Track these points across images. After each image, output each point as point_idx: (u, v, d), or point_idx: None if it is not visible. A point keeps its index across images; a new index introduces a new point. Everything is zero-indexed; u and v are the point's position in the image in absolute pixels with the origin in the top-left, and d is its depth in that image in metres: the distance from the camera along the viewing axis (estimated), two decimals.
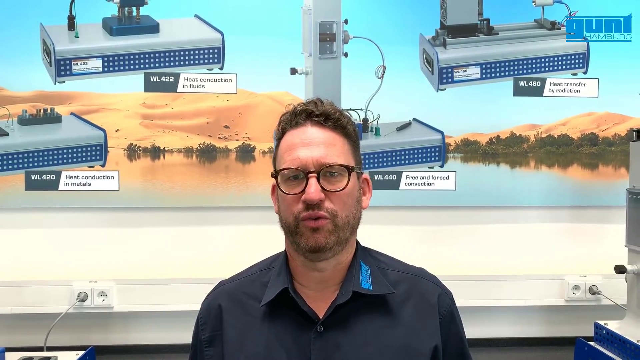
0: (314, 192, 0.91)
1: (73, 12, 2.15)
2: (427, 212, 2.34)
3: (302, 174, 0.94)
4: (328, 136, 0.97)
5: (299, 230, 0.94)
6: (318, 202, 0.92)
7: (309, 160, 0.94)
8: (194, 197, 2.22)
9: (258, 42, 2.23)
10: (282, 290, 0.97)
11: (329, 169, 0.95)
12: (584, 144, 2.32)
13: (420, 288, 1.02)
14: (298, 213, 0.93)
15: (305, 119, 0.99)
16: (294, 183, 0.95)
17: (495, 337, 2.33)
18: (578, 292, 2.24)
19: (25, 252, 2.19)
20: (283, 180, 0.96)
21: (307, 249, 0.93)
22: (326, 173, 0.94)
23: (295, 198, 0.94)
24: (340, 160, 0.96)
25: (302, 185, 0.93)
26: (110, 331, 2.19)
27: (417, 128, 2.31)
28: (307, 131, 0.98)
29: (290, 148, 0.97)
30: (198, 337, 1.06)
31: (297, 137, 0.97)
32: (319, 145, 0.96)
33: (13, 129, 2.16)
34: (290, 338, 0.96)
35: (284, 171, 0.96)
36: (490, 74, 2.31)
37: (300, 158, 0.95)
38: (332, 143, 0.97)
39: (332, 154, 0.96)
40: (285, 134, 1.01)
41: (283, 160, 0.98)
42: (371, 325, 0.96)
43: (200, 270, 2.17)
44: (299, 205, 0.93)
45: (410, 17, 2.29)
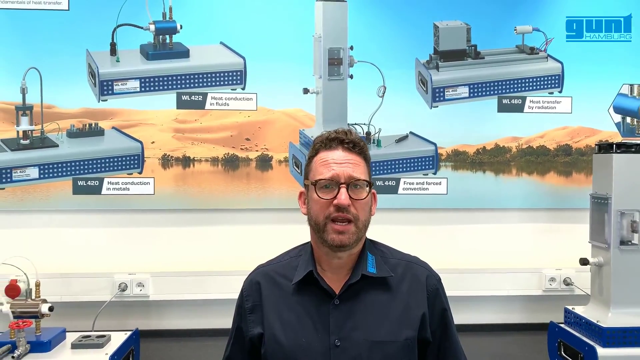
0: (345, 198, 1.20)
1: (114, 39, 2.42)
2: (422, 214, 2.60)
3: (335, 184, 1.22)
4: (354, 158, 1.26)
5: (326, 228, 1.22)
6: (346, 207, 1.21)
7: (341, 174, 1.22)
8: (219, 201, 2.49)
9: (275, 65, 2.49)
10: (308, 272, 1.27)
11: (357, 182, 1.23)
12: (559, 154, 2.59)
13: (413, 271, 1.31)
14: (329, 214, 1.21)
15: (338, 144, 1.27)
16: (327, 191, 1.23)
17: (481, 323, 2.58)
18: (554, 284, 2.51)
19: (73, 248, 2.44)
20: (318, 188, 1.24)
21: (333, 245, 1.21)
22: (353, 185, 1.23)
23: (328, 202, 1.22)
24: (363, 177, 1.25)
25: (334, 193, 1.21)
26: (147, 317, 2.44)
27: (413, 140, 2.56)
28: (338, 153, 1.26)
29: (325, 164, 1.25)
30: (242, 306, 1.34)
31: (330, 156, 1.25)
32: (348, 164, 1.24)
33: (62, 141, 2.43)
34: (314, 309, 1.26)
35: (321, 181, 1.24)
36: (477, 93, 2.57)
37: (335, 172, 1.23)
38: (357, 163, 1.26)
39: (357, 172, 1.24)
40: (319, 153, 1.28)
41: (318, 172, 1.25)
42: (375, 299, 1.26)
43: (225, 264, 2.43)
44: (330, 208, 1.21)
45: (407, 43, 2.55)
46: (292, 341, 1.23)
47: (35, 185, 2.41)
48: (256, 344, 1.29)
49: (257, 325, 1.29)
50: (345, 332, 1.21)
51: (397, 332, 1.22)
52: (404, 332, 1.22)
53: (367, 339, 1.21)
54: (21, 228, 2.43)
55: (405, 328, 1.23)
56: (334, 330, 1.21)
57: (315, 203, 1.23)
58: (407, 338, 1.22)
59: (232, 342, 1.37)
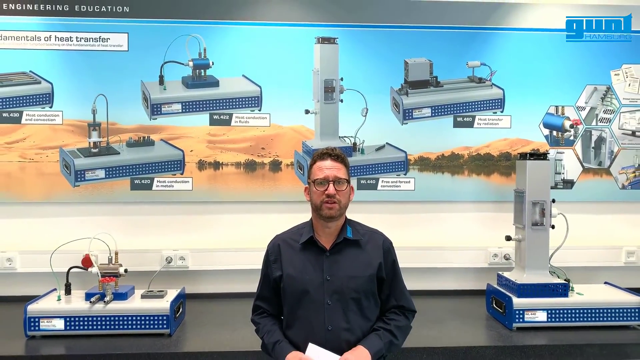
0: (332, 189, 1.89)
1: (162, 72, 3.09)
2: (396, 205, 3.26)
3: (326, 182, 1.92)
4: (338, 165, 1.95)
5: (322, 207, 1.90)
6: (333, 195, 1.90)
7: (330, 175, 1.92)
8: (241, 195, 3.18)
9: (284, 92, 3.14)
10: (310, 237, 2.00)
11: (339, 180, 1.92)
12: (501, 159, 3.27)
13: (375, 237, 2.02)
14: (323, 199, 1.90)
15: (327, 156, 1.96)
16: (321, 186, 1.92)
17: (442, 289, 3.25)
18: (497, 259, 3.21)
19: (131, 231, 3.11)
20: (316, 184, 1.93)
21: (326, 217, 1.91)
22: (337, 182, 1.92)
23: (322, 192, 1.90)
24: (344, 177, 1.94)
25: (326, 186, 1.90)
26: (186, 283, 3.09)
27: (388, 149, 3.22)
28: (328, 162, 1.94)
29: (319, 169, 1.94)
30: (268, 259, 2.03)
31: (323, 164, 1.94)
32: (333, 169, 1.93)
33: (123, 150, 3.10)
34: (313, 258, 1.96)
35: (317, 180, 1.92)
36: (437, 113, 3.22)
37: (326, 175, 1.92)
38: (339, 168, 1.95)
39: (340, 173, 1.93)
40: (316, 162, 1.97)
41: (315, 174, 1.94)
42: (351, 252, 1.96)
43: (245, 242, 3.11)
44: (323, 195, 1.90)
45: (383, 75, 3.19)
46: (300, 278, 1.94)
47: (102, 183, 3.09)
48: (278, 283, 2.00)
49: (278, 270, 2.00)
50: (333, 272, 1.93)
51: (363, 270, 1.94)
52: (367, 271, 1.94)
53: (346, 275, 1.92)
54: (93, 216, 3.12)
55: (368, 269, 1.95)
56: (326, 270, 1.94)
57: (314, 193, 1.95)
58: (370, 274, 1.94)
59: (261, 284, 2.07)
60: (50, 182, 3.11)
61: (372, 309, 1.94)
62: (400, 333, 1.93)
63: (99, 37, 3.10)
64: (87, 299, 2.54)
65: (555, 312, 2.63)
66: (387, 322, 1.93)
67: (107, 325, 2.52)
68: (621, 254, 3.28)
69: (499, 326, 2.70)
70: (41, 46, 3.08)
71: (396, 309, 1.98)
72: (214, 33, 3.13)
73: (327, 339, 1.86)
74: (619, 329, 2.65)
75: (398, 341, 1.92)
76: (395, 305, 1.98)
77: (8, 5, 3.06)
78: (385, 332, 1.89)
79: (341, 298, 1.90)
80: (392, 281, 1.99)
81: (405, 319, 1.97)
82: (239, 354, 2.36)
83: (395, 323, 1.93)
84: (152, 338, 2.50)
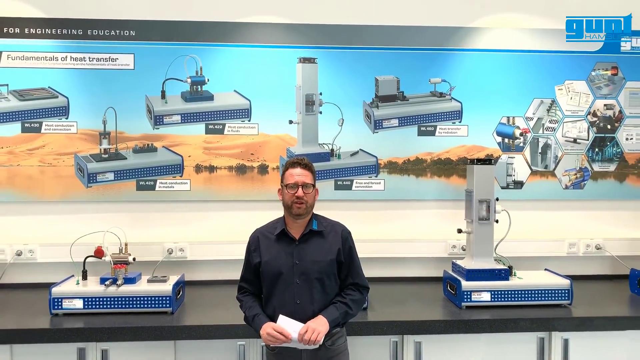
0: (300, 192, 2.31)
1: (164, 88, 3.48)
2: (368, 203, 3.64)
3: (296, 186, 2.33)
4: (306, 172, 2.36)
5: (292, 206, 2.31)
6: (302, 197, 2.32)
7: (299, 181, 2.33)
8: (233, 194, 3.57)
9: (270, 105, 3.52)
10: (282, 229, 2.42)
11: (307, 184, 2.34)
12: (459, 164, 3.66)
13: (336, 228, 2.43)
14: (293, 200, 2.30)
15: (297, 165, 2.37)
16: (292, 189, 2.33)
17: (407, 276, 3.65)
18: (455, 249, 3.63)
19: (137, 226, 3.49)
20: (288, 188, 2.35)
21: (295, 214, 2.33)
22: (305, 186, 2.34)
23: (292, 194, 2.31)
24: (310, 182, 2.35)
25: (295, 190, 2.31)
26: (185, 271, 3.46)
27: (362, 155, 3.59)
28: (297, 170, 2.36)
29: (290, 176, 2.35)
30: (250, 248, 2.45)
31: (294, 171, 2.36)
32: (302, 175, 2.34)
33: (129, 155, 3.48)
34: (286, 247, 2.36)
35: (289, 184, 2.34)
36: (404, 123, 3.60)
37: (295, 180, 2.33)
38: (307, 175, 2.36)
39: (307, 179, 2.35)
40: (288, 169, 2.38)
41: (287, 180, 2.34)
42: (316, 241, 2.37)
43: (236, 236, 3.44)
44: (293, 197, 2.30)
45: (357, 90, 3.57)
46: (275, 263, 2.35)
47: (111, 184, 3.48)
48: (257, 267, 2.42)
49: (257, 257, 2.41)
50: (301, 257, 2.35)
51: (325, 256, 2.35)
52: (328, 256, 2.36)
53: (311, 259, 2.34)
54: (103, 213, 3.53)
55: (329, 254, 2.37)
56: (295, 256, 2.35)
57: (286, 194, 2.37)
58: (330, 259, 2.36)
59: (244, 269, 2.49)
60: (66, 184, 3.50)
61: (333, 287, 2.38)
62: (354, 305, 2.38)
63: (108, 57, 3.49)
64: (102, 282, 3.00)
65: (497, 293, 3.08)
66: (343, 297, 2.38)
67: (119, 304, 2.96)
68: (564, 246, 3.72)
69: (451, 305, 3.14)
70: (58, 65, 3.48)
71: (352, 286, 2.43)
72: (209, 53, 3.52)
73: (295, 310, 2.29)
74: (552, 307, 3.09)
75: (352, 311, 2.37)
76: (352, 283, 2.42)
77: (29, 30, 3.49)
78: (341, 304, 2.35)
79: (307, 278, 2.33)
80: (349, 264, 2.41)
81: (360, 294, 2.43)
82: (229, 327, 2.79)
83: (350, 297, 2.38)
84: (157, 315, 2.92)
